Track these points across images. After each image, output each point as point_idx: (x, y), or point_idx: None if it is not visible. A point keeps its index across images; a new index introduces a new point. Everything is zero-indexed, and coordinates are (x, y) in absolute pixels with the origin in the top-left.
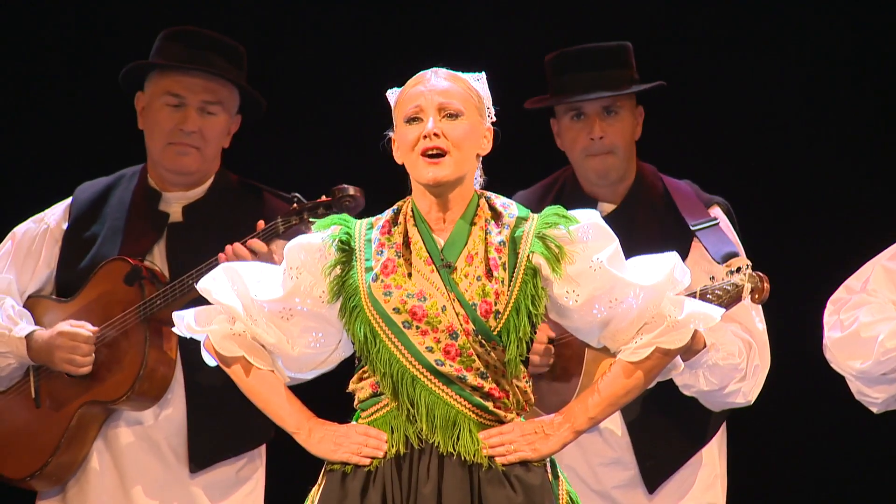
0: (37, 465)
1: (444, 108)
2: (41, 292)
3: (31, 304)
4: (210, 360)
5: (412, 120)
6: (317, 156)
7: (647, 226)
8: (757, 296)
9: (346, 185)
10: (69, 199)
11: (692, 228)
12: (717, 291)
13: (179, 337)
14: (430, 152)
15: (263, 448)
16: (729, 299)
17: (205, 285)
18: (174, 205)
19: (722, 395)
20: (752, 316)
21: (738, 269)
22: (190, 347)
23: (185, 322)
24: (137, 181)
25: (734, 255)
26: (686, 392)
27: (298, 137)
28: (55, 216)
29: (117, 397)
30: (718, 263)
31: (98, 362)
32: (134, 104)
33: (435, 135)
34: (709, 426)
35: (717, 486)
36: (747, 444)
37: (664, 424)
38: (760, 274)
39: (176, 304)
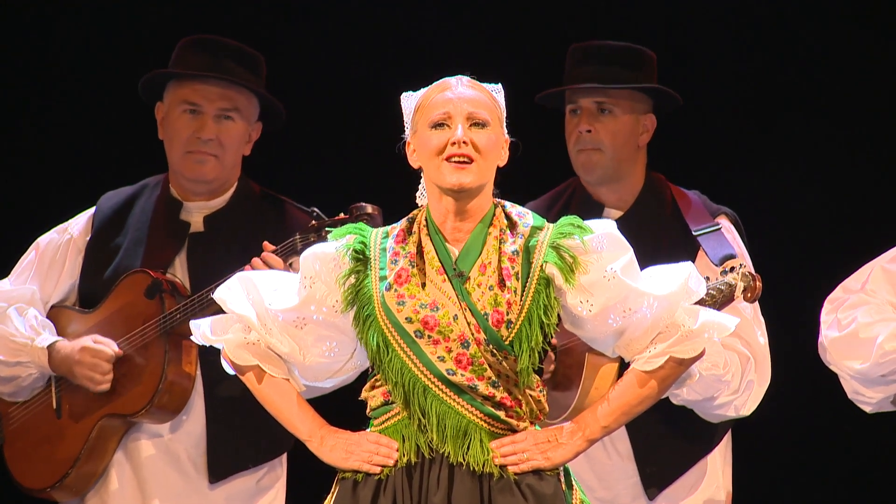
0: (57, 475)
1: (472, 117)
2: (64, 303)
3: (54, 314)
4: (228, 369)
5: (439, 125)
6: (338, 170)
7: (653, 234)
8: (749, 294)
9: (363, 203)
10: (92, 209)
11: (694, 233)
12: (710, 291)
13: (199, 350)
14: (456, 159)
15: (285, 457)
16: (723, 299)
17: (220, 295)
18: (195, 214)
19: (712, 406)
20: (754, 330)
21: (732, 269)
22: (209, 360)
23: (201, 331)
24: (160, 191)
25: (731, 257)
26: (674, 401)
27: (320, 151)
28: (78, 226)
29: (136, 410)
30: (716, 266)
31: (118, 375)
32: (154, 114)
33: (464, 142)
34: (710, 435)
35: (721, 497)
36: (753, 456)
37: (666, 432)
38: (752, 273)
39: (195, 318)
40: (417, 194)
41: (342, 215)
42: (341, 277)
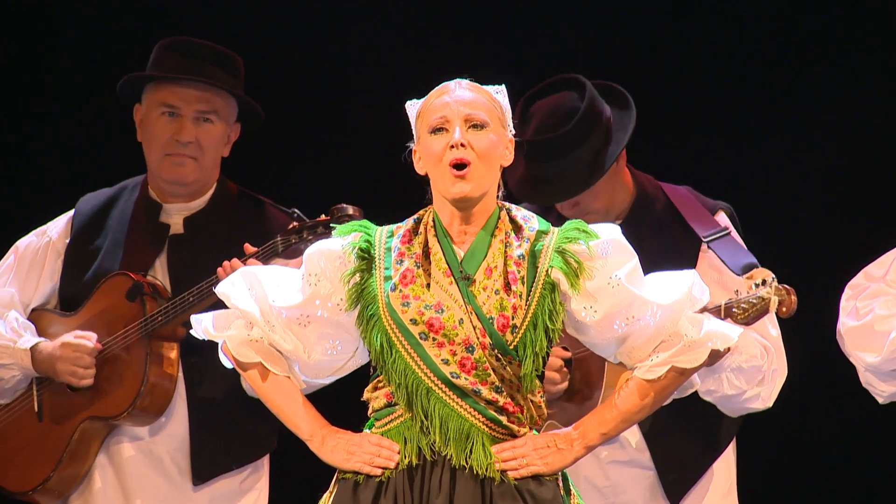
0: (39, 478)
1: (469, 119)
2: (45, 306)
3: (35, 317)
4: (227, 363)
5: (437, 130)
6: (317, 172)
7: (653, 240)
8: (784, 309)
9: (344, 205)
10: (71, 212)
11: (704, 240)
12: (742, 305)
13: (180, 352)
14: (457, 163)
15: (267, 458)
16: (755, 313)
17: (223, 290)
18: (175, 216)
19: (741, 399)
20: (765, 322)
21: (763, 282)
22: (191, 362)
23: (202, 326)
24: (139, 193)
25: (753, 266)
26: (707, 398)
27: (299, 152)
28: (57, 229)
29: (118, 413)
30: (737, 275)
31: (100, 378)
32: (133, 116)
33: (462, 145)
34: (726, 434)
35: (733, 493)
36: (759, 450)
37: (683, 437)
38: (787, 287)
39: (177, 321)
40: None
41: (323, 217)
42: (346, 275)
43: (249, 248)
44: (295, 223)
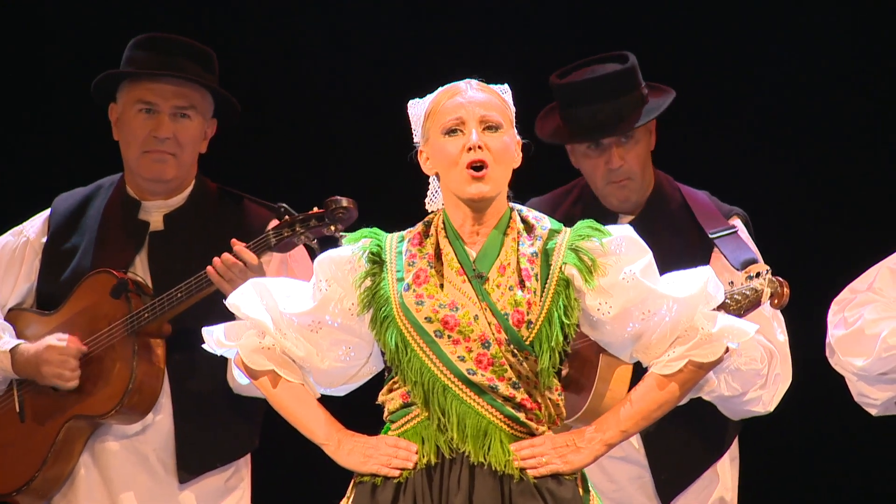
0: (23, 479)
1: (485, 121)
2: (22, 305)
3: (13, 317)
4: (241, 378)
5: (452, 132)
6: (300, 167)
7: (666, 236)
8: (776, 300)
9: (338, 197)
10: (48, 211)
11: (710, 236)
12: (735, 296)
13: (166, 349)
14: (475, 165)
15: (249, 457)
16: (748, 304)
17: (234, 300)
18: (154, 213)
19: (741, 401)
20: (773, 326)
21: (758, 275)
22: (176, 359)
23: (214, 337)
24: (116, 191)
25: (753, 261)
26: (707, 397)
27: (282, 148)
28: (34, 228)
29: (106, 412)
30: (738, 270)
31: (84, 376)
32: (108, 116)
33: (479, 147)
34: (723, 439)
35: (728, 500)
36: (759, 459)
37: (679, 437)
38: (780, 279)
39: (164, 318)
40: (427, 199)
41: (316, 209)
42: (357, 279)
43: (237, 242)
44: (286, 217)
